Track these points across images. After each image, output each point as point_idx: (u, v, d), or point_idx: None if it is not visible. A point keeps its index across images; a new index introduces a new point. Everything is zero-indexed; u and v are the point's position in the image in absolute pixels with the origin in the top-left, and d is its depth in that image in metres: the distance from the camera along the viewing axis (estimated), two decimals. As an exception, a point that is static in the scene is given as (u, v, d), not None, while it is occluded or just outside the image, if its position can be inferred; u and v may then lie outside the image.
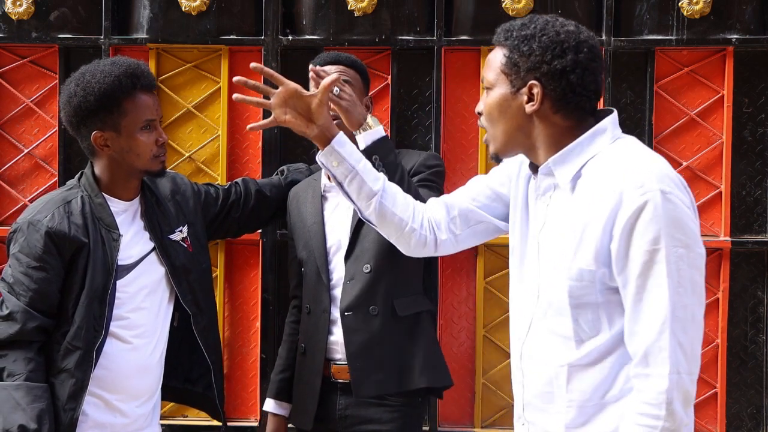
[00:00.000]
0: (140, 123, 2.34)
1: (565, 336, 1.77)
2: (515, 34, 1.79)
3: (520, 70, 1.77)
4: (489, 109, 1.83)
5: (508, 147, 1.85)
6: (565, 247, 1.75)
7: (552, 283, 1.78)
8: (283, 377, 2.69)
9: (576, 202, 1.76)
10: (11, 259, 2.34)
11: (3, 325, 2.27)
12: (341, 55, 2.61)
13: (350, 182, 2.03)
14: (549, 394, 1.81)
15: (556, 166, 1.79)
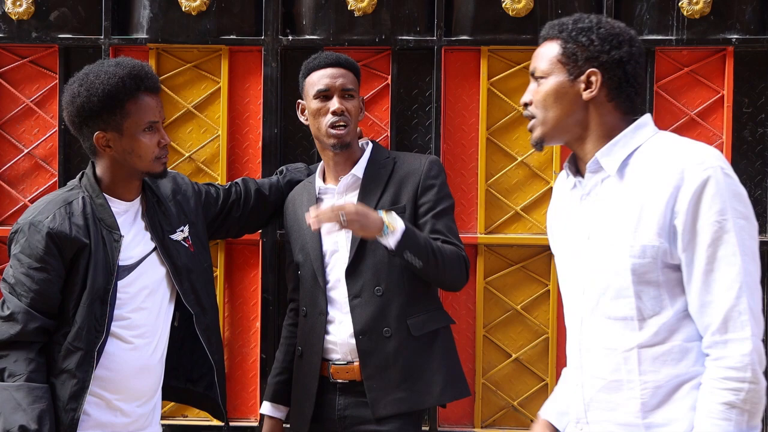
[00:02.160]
0: (143, 125, 2.34)
1: (627, 317, 1.80)
2: (571, 27, 1.89)
3: (578, 60, 1.87)
4: (544, 96, 1.90)
5: (557, 133, 1.91)
6: (623, 227, 1.80)
7: (609, 267, 1.82)
8: (280, 380, 2.69)
9: (628, 186, 1.82)
10: (12, 259, 2.34)
11: (4, 326, 2.27)
12: (340, 58, 2.60)
13: None
14: (617, 383, 1.83)
15: (603, 158, 1.86)
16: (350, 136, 2.54)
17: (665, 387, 1.78)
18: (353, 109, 2.54)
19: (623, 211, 1.81)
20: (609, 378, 1.84)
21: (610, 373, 1.83)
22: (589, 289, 1.87)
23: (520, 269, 3.07)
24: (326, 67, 2.56)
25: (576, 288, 1.92)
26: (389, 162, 2.58)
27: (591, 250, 1.87)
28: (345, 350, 2.52)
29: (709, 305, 1.73)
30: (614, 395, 1.83)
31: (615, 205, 1.84)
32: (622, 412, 1.82)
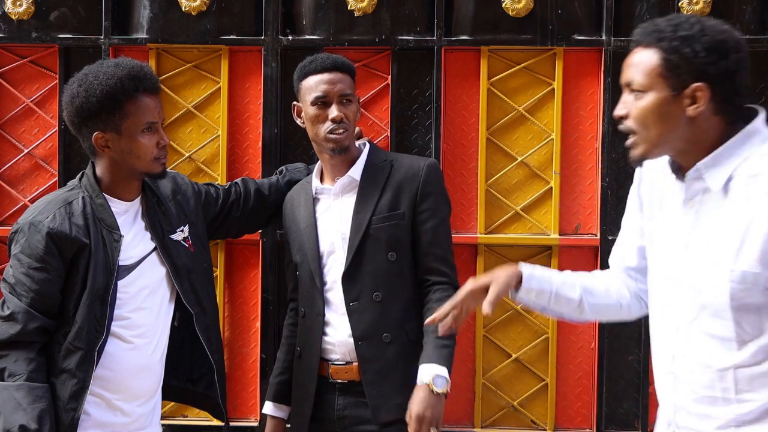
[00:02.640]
0: (141, 125, 2.34)
1: (724, 338, 1.75)
2: (671, 34, 1.75)
3: (682, 73, 1.73)
4: (643, 113, 1.77)
5: (660, 151, 1.81)
6: (724, 249, 1.72)
7: (708, 286, 1.75)
8: (281, 380, 2.69)
9: (732, 204, 1.73)
10: (12, 259, 2.34)
11: (4, 326, 2.27)
12: (337, 61, 2.57)
13: (554, 303, 2.06)
14: (712, 399, 1.78)
15: (707, 170, 1.76)
16: (348, 140, 2.54)
17: (763, 407, 1.74)
18: (352, 114, 2.54)
19: (726, 230, 1.73)
20: (702, 393, 1.79)
21: (703, 388, 1.79)
22: (685, 299, 1.81)
23: (520, 269, 3.07)
24: (323, 72, 2.53)
25: (668, 291, 1.86)
26: (386, 165, 2.58)
27: (688, 261, 1.80)
28: (343, 350, 2.52)
29: None
30: (707, 408, 1.79)
31: (717, 221, 1.75)
32: (713, 422, 1.79)
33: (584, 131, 3.06)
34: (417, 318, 2.53)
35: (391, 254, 2.51)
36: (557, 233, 3.01)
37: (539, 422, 3.07)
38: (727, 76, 1.75)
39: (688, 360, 1.82)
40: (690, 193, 1.81)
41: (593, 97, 3.05)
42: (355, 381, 2.51)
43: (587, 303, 2.07)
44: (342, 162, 2.57)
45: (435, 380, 2.40)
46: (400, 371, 2.49)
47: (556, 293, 2.05)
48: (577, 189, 3.06)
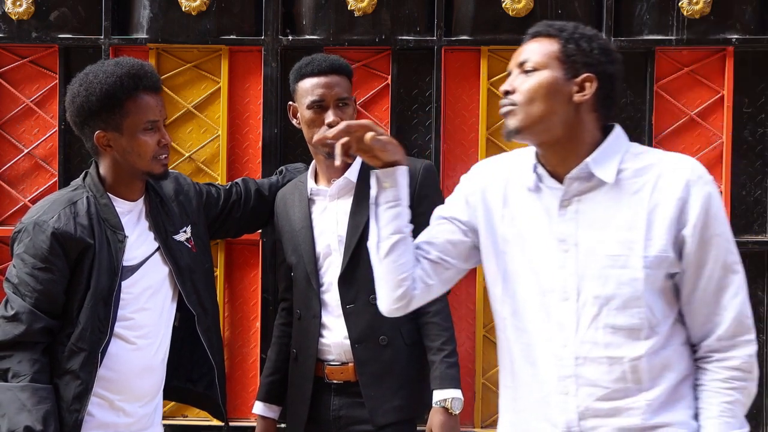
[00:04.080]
0: (142, 124, 2.33)
1: (633, 327, 1.81)
2: (572, 29, 1.88)
3: (577, 62, 1.84)
4: (533, 87, 1.84)
5: (537, 129, 1.85)
6: (631, 237, 1.80)
7: (614, 277, 1.81)
8: (273, 380, 2.69)
9: (628, 194, 1.82)
10: (16, 259, 2.33)
11: (8, 326, 2.26)
12: (334, 63, 2.55)
13: (390, 208, 1.96)
14: (622, 391, 1.82)
15: (597, 165, 1.84)
16: None
17: (668, 389, 1.82)
18: (348, 118, 2.50)
19: (626, 221, 1.81)
20: (613, 387, 1.82)
21: (613, 382, 1.82)
22: (583, 298, 1.83)
23: (520, 269, 3.07)
24: (320, 75, 2.52)
25: (553, 298, 1.86)
26: None
27: (579, 258, 1.84)
28: (339, 351, 2.52)
29: (716, 311, 1.81)
30: (617, 402, 1.83)
31: (612, 214, 1.83)
32: (624, 416, 1.82)
33: (584, 131, 3.05)
34: (413, 320, 2.53)
35: None
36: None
37: (539, 422, 3.07)
38: (611, 79, 1.87)
39: (594, 358, 1.83)
40: (570, 192, 1.86)
41: (593, 97, 3.05)
42: (351, 381, 2.51)
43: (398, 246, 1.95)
44: (336, 165, 2.56)
45: (453, 403, 2.46)
46: (396, 374, 2.50)
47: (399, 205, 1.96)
48: (577, 189, 3.06)
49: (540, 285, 1.88)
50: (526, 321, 1.91)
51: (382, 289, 2.00)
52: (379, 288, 2.01)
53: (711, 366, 1.82)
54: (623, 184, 1.83)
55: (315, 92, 2.51)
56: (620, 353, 1.81)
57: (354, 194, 2.54)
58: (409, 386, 2.51)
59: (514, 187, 1.94)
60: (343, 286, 2.50)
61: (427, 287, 2.00)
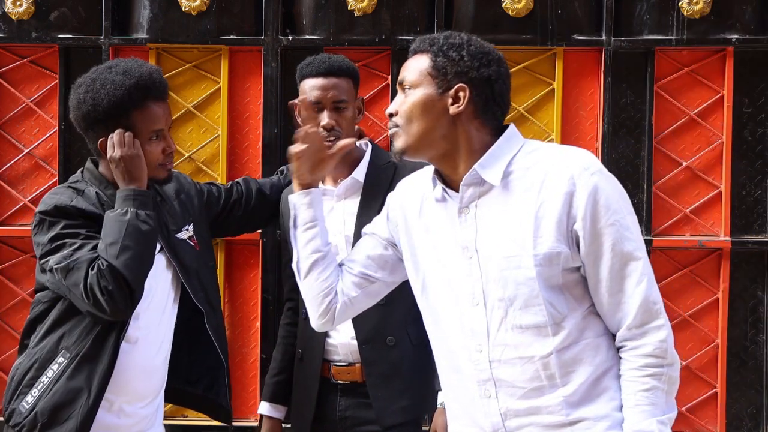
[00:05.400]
0: (148, 134, 2.31)
1: (539, 325, 1.81)
2: (441, 42, 1.87)
3: (448, 74, 1.85)
4: (410, 107, 1.86)
5: (421, 147, 1.88)
6: (521, 237, 1.80)
7: (512, 278, 1.81)
8: (278, 380, 2.68)
9: (516, 195, 1.83)
10: (51, 243, 2.23)
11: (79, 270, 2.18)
12: (334, 65, 2.52)
13: (307, 230, 2.06)
14: (537, 390, 1.82)
15: (484, 169, 1.84)
16: None
17: (585, 383, 1.80)
18: (344, 121, 2.49)
19: (516, 221, 1.81)
20: (528, 386, 1.83)
21: (528, 381, 1.82)
22: (489, 301, 1.84)
23: (520, 269, 3.07)
24: (318, 77, 2.50)
25: (464, 303, 1.87)
26: (390, 167, 2.56)
27: (481, 263, 1.85)
28: (346, 351, 2.52)
29: (622, 300, 1.79)
30: (535, 400, 1.83)
31: (504, 215, 1.83)
32: (545, 413, 1.83)
33: (584, 131, 3.06)
34: (419, 320, 2.52)
35: None
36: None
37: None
38: (487, 83, 1.85)
39: (506, 360, 1.84)
40: (465, 200, 1.87)
41: (593, 97, 3.05)
42: (357, 382, 2.51)
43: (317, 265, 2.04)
44: (343, 164, 2.56)
45: None
46: (403, 374, 2.50)
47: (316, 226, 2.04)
48: (577, 189, 3.06)
49: (453, 293, 1.90)
50: (445, 329, 1.95)
51: (308, 306, 2.10)
52: (306, 305, 2.10)
53: (626, 355, 1.81)
54: (512, 184, 1.83)
55: (312, 94, 2.51)
56: (530, 352, 1.82)
57: (361, 194, 2.54)
58: (415, 387, 2.51)
59: (427, 200, 1.97)
60: None
61: (350, 300, 2.07)
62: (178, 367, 2.54)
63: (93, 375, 2.26)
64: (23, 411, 2.26)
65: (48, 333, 2.30)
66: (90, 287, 2.15)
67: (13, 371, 2.34)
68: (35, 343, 2.32)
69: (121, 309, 2.19)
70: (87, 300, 2.17)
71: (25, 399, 2.28)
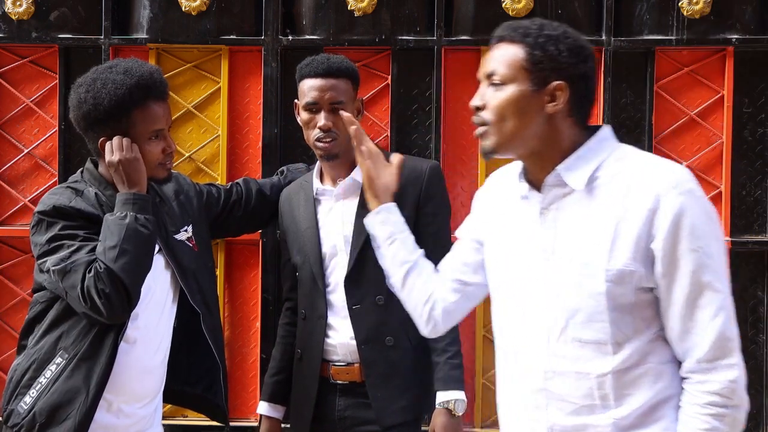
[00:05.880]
0: (148, 133, 2.31)
1: (600, 342, 1.72)
2: (536, 33, 1.76)
3: (545, 69, 1.74)
4: (502, 104, 1.76)
5: (512, 145, 1.79)
6: (596, 249, 1.71)
7: (580, 290, 1.73)
8: (277, 380, 2.68)
9: (598, 204, 1.73)
10: (49, 243, 2.23)
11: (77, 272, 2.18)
12: (332, 66, 2.52)
13: (390, 245, 2.06)
14: (590, 407, 1.74)
15: (566, 173, 1.76)
16: (338, 148, 2.51)
17: (640, 408, 1.72)
18: (342, 122, 2.48)
19: (595, 231, 1.72)
20: (580, 403, 1.75)
21: (581, 398, 1.74)
22: (553, 309, 1.76)
23: (520, 269, 3.07)
24: (315, 77, 2.50)
25: (530, 308, 1.80)
26: None
27: (555, 268, 1.77)
28: (345, 351, 2.52)
29: (694, 331, 1.69)
30: (585, 417, 1.75)
31: (584, 223, 1.74)
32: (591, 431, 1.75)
33: (584, 131, 3.05)
34: None
35: None
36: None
37: (539, 422, 3.07)
38: (584, 80, 1.77)
39: (561, 372, 1.76)
40: (547, 201, 1.79)
41: (593, 97, 3.05)
42: (357, 382, 2.51)
43: (410, 275, 2.04)
44: (342, 164, 2.57)
45: (456, 404, 2.46)
46: (402, 374, 2.50)
47: (396, 239, 2.05)
48: (577, 189, 3.06)
49: (521, 295, 1.83)
50: (508, 333, 1.89)
51: (411, 315, 2.09)
52: (410, 314, 2.09)
53: (690, 388, 1.70)
54: (597, 191, 1.74)
55: (309, 95, 2.51)
56: (587, 368, 1.73)
57: (360, 194, 2.54)
58: (414, 387, 2.52)
59: (512, 196, 1.90)
60: (350, 287, 2.50)
61: (450, 306, 2.03)
62: (177, 368, 2.54)
63: (91, 375, 2.26)
64: (21, 411, 2.26)
65: (46, 333, 2.30)
66: (87, 290, 2.16)
67: (11, 372, 2.35)
68: (33, 344, 2.32)
69: (117, 313, 2.19)
70: (84, 303, 2.17)
71: (24, 399, 2.28)
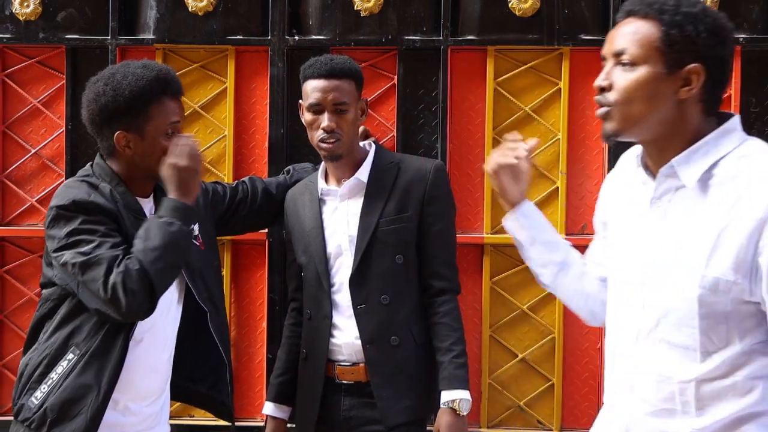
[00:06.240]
0: (164, 129, 2.32)
1: (688, 347, 1.63)
2: (673, 9, 1.62)
3: (681, 51, 1.62)
4: (632, 86, 1.65)
5: (636, 129, 1.68)
6: (696, 252, 1.61)
7: (675, 291, 1.64)
8: (283, 380, 2.68)
9: (708, 204, 1.62)
10: (67, 238, 2.21)
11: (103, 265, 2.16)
12: (335, 67, 2.51)
13: (530, 246, 2.02)
14: (670, 411, 1.67)
15: (680, 166, 1.65)
16: (342, 148, 2.51)
17: (722, 422, 1.62)
18: (345, 123, 2.49)
19: (698, 232, 1.61)
20: (661, 406, 1.67)
21: (662, 401, 1.67)
22: (647, 305, 1.68)
23: (526, 269, 3.02)
24: (318, 78, 2.50)
25: (628, 297, 1.74)
26: (393, 167, 2.57)
27: (653, 264, 1.68)
28: (350, 351, 2.52)
29: None
30: (663, 421, 1.68)
31: (691, 221, 1.63)
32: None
33: (591, 131, 3.05)
34: (423, 320, 2.54)
35: (399, 257, 2.51)
36: (564, 233, 3.01)
37: (545, 422, 3.07)
38: (721, 64, 1.65)
39: (647, 371, 1.69)
40: (659, 191, 1.69)
41: (600, 96, 3.04)
42: (362, 382, 2.51)
43: (557, 275, 2.01)
44: (346, 164, 2.57)
45: (461, 404, 2.45)
46: (407, 374, 2.50)
47: (537, 241, 2.00)
48: (584, 189, 3.06)
49: (624, 284, 1.76)
50: (613, 318, 1.82)
51: (573, 311, 2.09)
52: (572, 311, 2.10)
53: None
54: (710, 190, 1.62)
55: (312, 96, 2.51)
56: (670, 372, 1.65)
57: (365, 194, 2.54)
58: (419, 386, 2.52)
59: (634, 180, 1.79)
60: (354, 287, 2.50)
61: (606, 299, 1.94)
62: (183, 366, 2.55)
63: (103, 372, 2.26)
64: (32, 407, 2.27)
65: (57, 329, 2.30)
66: (113, 285, 2.14)
67: (22, 366, 2.35)
68: (45, 339, 2.32)
69: (136, 313, 2.20)
70: (104, 295, 2.15)
71: (34, 394, 2.28)
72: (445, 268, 2.56)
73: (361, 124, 2.67)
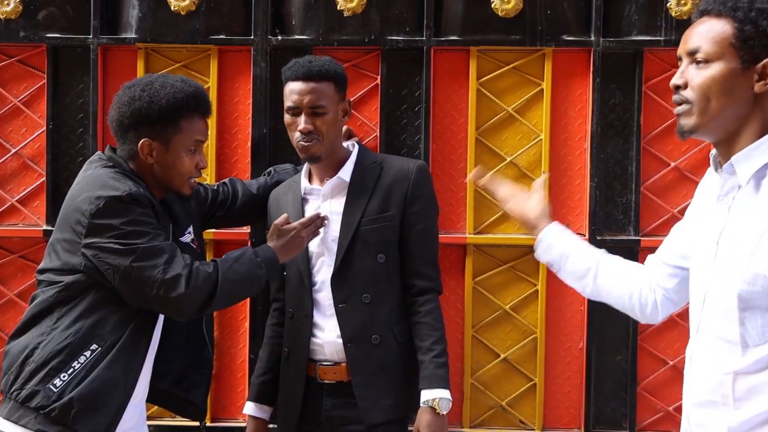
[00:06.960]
0: (189, 144, 2.36)
1: (731, 341, 1.67)
2: (747, 6, 1.66)
3: (756, 46, 1.64)
4: (709, 83, 1.67)
5: (712, 126, 1.71)
6: (742, 248, 1.65)
7: (722, 286, 1.69)
8: (264, 380, 2.68)
9: (759, 201, 1.65)
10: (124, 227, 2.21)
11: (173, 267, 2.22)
12: (312, 69, 2.51)
13: (564, 264, 2.10)
14: (712, 403, 1.71)
15: (739, 163, 1.68)
16: (320, 150, 2.52)
17: (760, 416, 1.64)
18: (323, 125, 2.50)
19: (747, 229, 1.64)
20: (705, 397, 1.72)
21: (707, 392, 1.72)
22: (707, 302, 1.73)
23: (508, 269, 3.08)
24: (296, 81, 2.51)
25: (699, 295, 1.78)
26: (376, 166, 2.58)
27: (716, 260, 1.71)
28: (332, 350, 2.52)
29: None
30: (707, 411, 1.72)
31: (745, 219, 1.66)
32: (710, 428, 1.71)
33: (573, 132, 3.06)
34: (405, 319, 2.55)
35: (380, 256, 2.51)
36: (546, 233, 3.01)
37: (528, 422, 3.07)
38: None
39: (699, 362, 1.75)
40: (725, 188, 1.73)
41: (582, 97, 3.06)
42: (343, 381, 2.51)
43: (597, 281, 2.07)
44: (328, 164, 2.57)
45: (440, 403, 2.45)
46: (388, 373, 2.50)
47: (568, 257, 2.10)
48: (566, 189, 3.07)
49: (695, 277, 1.81)
50: (690, 316, 1.86)
51: (624, 311, 2.10)
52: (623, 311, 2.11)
53: None
54: (762, 188, 1.65)
55: (290, 98, 2.53)
56: (716, 364, 1.70)
57: (347, 194, 2.55)
58: (400, 385, 2.52)
59: (711, 176, 1.83)
60: (336, 285, 2.50)
61: (669, 291, 2.01)
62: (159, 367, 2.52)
63: (129, 367, 2.28)
64: (51, 394, 2.20)
65: (80, 318, 2.26)
66: (176, 274, 2.20)
67: (26, 351, 2.25)
68: (64, 327, 2.25)
69: (184, 307, 2.24)
70: (162, 276, 2.19)
71: (53, 382, 2.21)
72: (427, 268, 2.57)
73: (344, 124, 2.67)
